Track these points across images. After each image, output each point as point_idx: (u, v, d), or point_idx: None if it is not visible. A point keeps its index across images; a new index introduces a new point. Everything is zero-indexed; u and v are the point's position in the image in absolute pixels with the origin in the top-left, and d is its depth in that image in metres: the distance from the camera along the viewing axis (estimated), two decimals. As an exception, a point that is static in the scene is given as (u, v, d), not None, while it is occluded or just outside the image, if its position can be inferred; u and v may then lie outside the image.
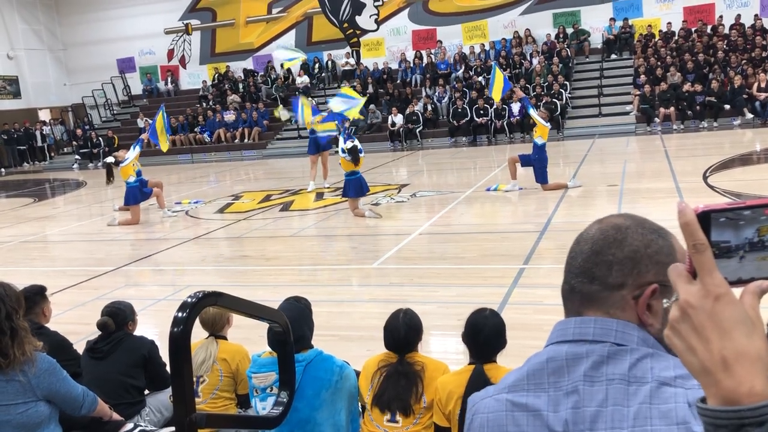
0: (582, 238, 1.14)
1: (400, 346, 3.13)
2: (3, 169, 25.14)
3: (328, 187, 13.42)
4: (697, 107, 18.69)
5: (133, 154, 11.42)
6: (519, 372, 1.12)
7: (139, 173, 11.41)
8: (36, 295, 3.78)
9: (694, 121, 18.74)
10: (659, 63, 20.27)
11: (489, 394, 1.15)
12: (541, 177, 11.00)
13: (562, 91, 20.44)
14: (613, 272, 1.08)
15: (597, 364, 1.04)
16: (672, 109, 18.77)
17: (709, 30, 21.11)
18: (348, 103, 11.04)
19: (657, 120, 18.94)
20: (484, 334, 2.96)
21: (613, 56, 22.21)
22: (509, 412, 1.10)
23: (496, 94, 11.99)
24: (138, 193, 11.29)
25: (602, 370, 1.03)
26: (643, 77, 19.85)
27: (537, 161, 10.96)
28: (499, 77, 11.60)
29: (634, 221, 1.12)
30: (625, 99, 20.29)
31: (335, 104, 11.15)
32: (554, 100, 19.91)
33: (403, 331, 3.12)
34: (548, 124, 11.32)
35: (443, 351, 4.88)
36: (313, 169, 13.64)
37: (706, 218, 0.77)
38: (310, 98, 14.22)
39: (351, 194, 10.21)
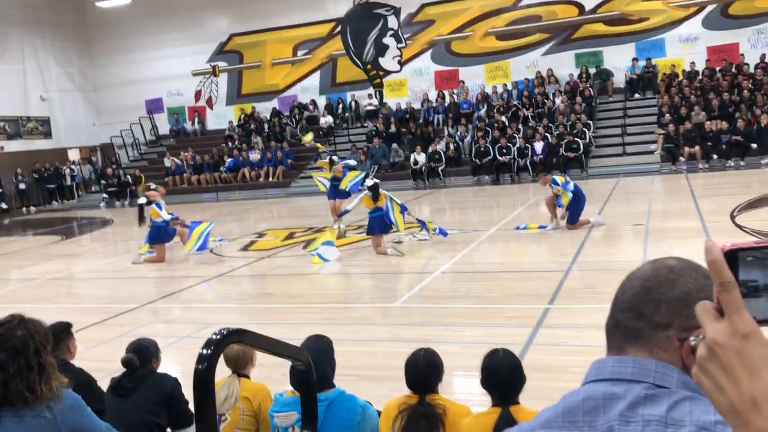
0: (633, 275, 1.14)
1: (419, 384, 3.09)
2: (33, 207, 25.64)
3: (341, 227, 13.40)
4: (723, 146, 18.55)
5: (165, 214, 11.59)
6: (554, 409, 1.11)
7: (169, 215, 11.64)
8: (62, 332, 3.82)
9: (720, 160, 18.59)
10: (683, 102, 20.23)
11: (522, 430, 1.14)
12: (574, 217, 10.93)
13: (586, 130, 20.45)
14: (661, 311, 1.06)
15: (634, 404, 1.02)
16: (697, 148, 18.65)
17: (733, 69, 21.08)
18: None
19: (682, 159, 18.82)
20: (503, 376, 2.92)
21: (637, 95, 22.23)
22: None
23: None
24: (164, 232, 11.44)
25: (639, 411, 1.01)
26: (667, 116, 19.80)
27: (576, 201, 10.85)
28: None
29: (689, 265, 1.11)
30: (650, 138, 20.22)
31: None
32: (577, 139, 19.93)
33: (422, 368, 3.08)
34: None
35: (468, 392, 4.81)
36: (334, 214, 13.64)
37: (733, 256, 0.76)
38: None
39: (376, 231, 10.26)
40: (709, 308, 0.78)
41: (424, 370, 3.08)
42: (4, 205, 25.11)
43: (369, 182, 10.35)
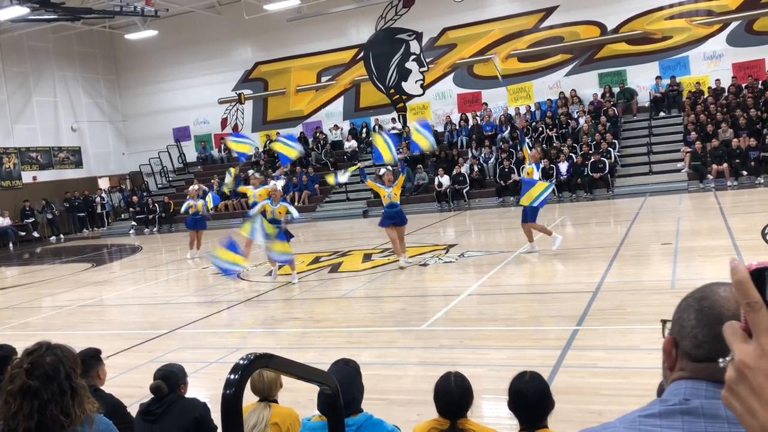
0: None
1: (453, 411, 3.05)
2: (62, 236, 26.07)
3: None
4: (752, 163, 18.29)
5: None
6: None
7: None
8: (91, 358, 3.86)
9: (749, 177, 18.32)
10: (709, 120, 20.02)
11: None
12: (533, 215, 10.96)
13: (611, 149, 20.32)
14: None
15: None
16: (725, 165, 18.42)
17: (760, 85, 20.84)
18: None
19: (710, 177, 18.59)
20: (529, 400, 2.89)
21: (662, 114, 22.06)
22: None
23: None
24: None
25: None
26: (693, 134, 19.61)
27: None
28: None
29: None
30: (676, 156, 20.01)
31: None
32: (602, 158, 19.81)
33: (457, 395, 3.04)
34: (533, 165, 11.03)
35: (496, 416, 4.76)
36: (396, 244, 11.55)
37: (760, 276, 0.76)
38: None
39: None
40: (737, 329, 0.77)
41: (457, 396, 3.03)
42: (36, 234, 25.60)
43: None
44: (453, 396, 3.03)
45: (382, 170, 11.56)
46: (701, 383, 1.01)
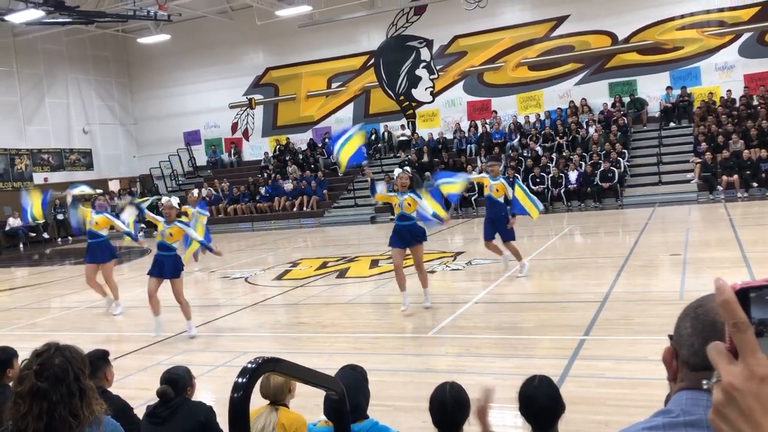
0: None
1: (446, 423, 3.01)
2: (70, 237, 26.12)
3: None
4: (763, 174, 18.20)
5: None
6: None
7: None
8: (99, 360, 3.89)
9: (759, 189, 18.22)
10: (720, 130, 19.94)
11: None
12: (510, 234, 10.19)
13: (621, 159, 20.26)
14: None
15: None
16: (735, 176, 18.33)
17: (771, 97, 20.75)
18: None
19: (720, 188, 18.50)
20: (538, 404, 2.88)
21: (672, 124, 21.99)
22: None
23: (533, 211, 10.66)
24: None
25: None
26: (703, 145, 19.53)
27: (504, 217, 10.17)
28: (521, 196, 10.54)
29: None
30: (686, 167, 19.94)
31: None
32: (612, 168, 19.76)
33: (450, 407, 2.98)
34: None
35: (502, 425, 4.74)
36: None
37: (745, 295, 0.75)
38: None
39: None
40: (722, 349, 0.76)
41: (451, 409, 2.98)
42: (46, 235, 25.73)
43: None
44: (446, 407, 2.97)
45: (397, 171, 8.89)
46: (702, 393, 1.00)
